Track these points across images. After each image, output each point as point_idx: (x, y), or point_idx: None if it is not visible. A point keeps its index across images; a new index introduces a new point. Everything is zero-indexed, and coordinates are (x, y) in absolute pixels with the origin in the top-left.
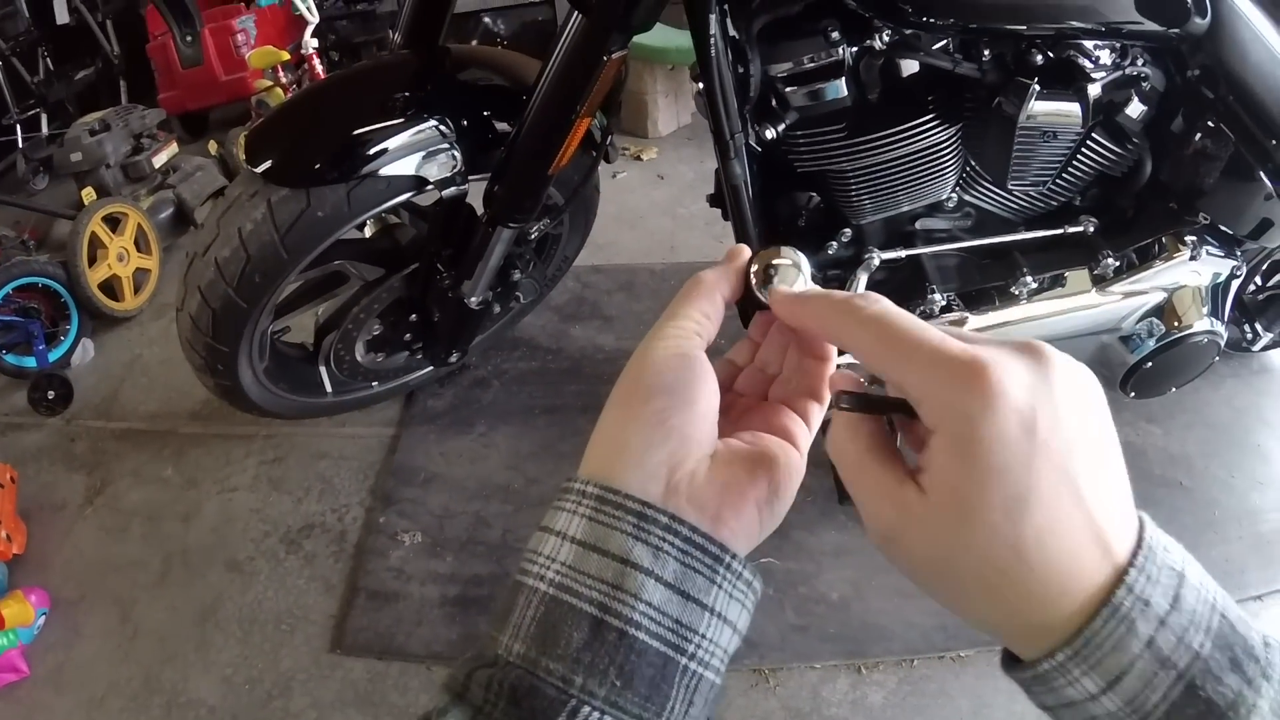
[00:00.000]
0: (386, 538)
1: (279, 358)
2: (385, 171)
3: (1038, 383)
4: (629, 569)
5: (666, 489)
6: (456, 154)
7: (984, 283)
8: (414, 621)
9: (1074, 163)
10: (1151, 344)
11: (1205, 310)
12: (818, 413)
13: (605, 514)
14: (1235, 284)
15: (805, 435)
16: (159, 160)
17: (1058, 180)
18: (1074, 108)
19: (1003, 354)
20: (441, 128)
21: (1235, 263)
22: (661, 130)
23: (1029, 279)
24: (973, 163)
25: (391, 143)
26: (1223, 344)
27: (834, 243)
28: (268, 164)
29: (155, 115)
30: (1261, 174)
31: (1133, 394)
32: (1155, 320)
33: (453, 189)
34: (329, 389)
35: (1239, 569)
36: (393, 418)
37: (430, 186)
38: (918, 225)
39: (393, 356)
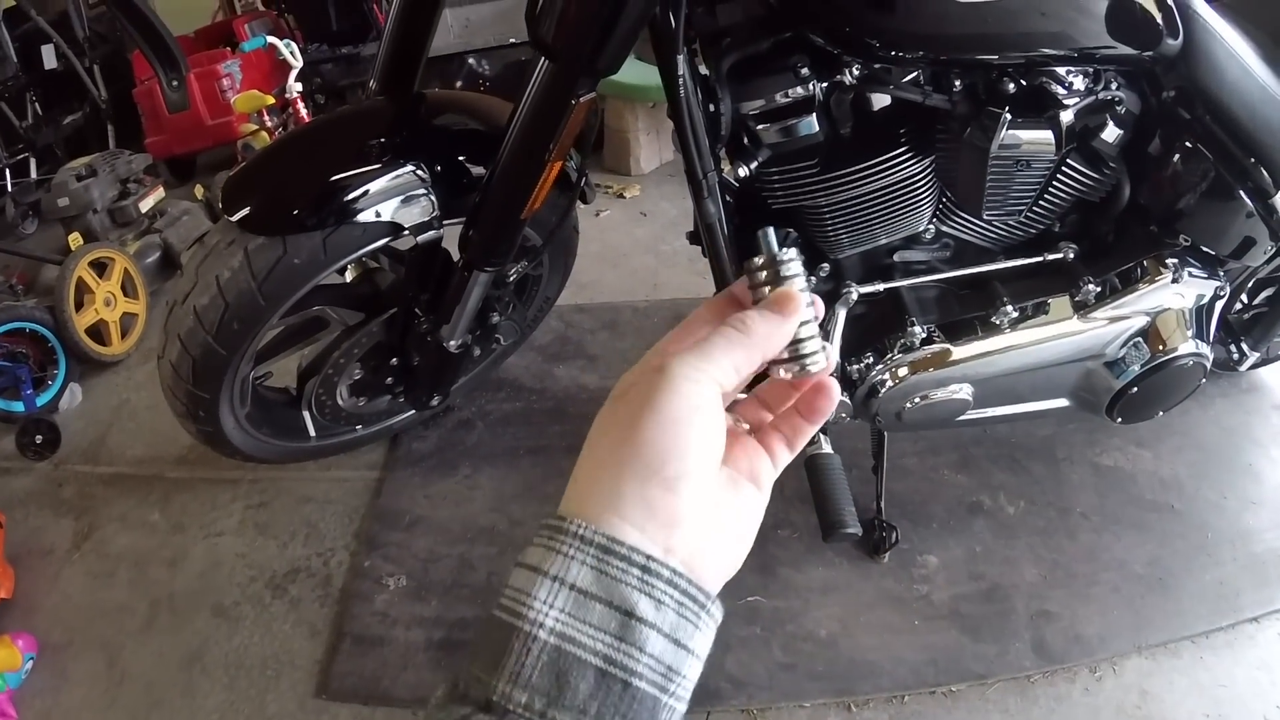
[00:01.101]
0: (372, 582)
1: (261, 403)
2: (361, 218)
3: None
4: (633, 622)
5: (666, 549)
6: (432, 199)
7: (964, 313)
8: (399, 666)
9: (1050, 189)
10: (1136, 369)
11: (1190, 332)
12: (785, 458)
13: (611, 565)
14: (1220, 304)
15: (770, 475)
16: (146, 205)
17: (1035, 208)
18: (1046, 135)
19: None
20: (418, 173)
21: (1218, 283)
22: (644, 167)
23: (1009, 308)
24: (948, 194)
25: (367, 189)
26: (1209, 365)
27: (813, 278)
28: (244, 212)
29: (142, 160)
30: (1241, 192)
31: (1120, 419)
32: (1140, 344)
33: (429, 234)
34: (312, 433)
35: (1234, 592)
36: (377, 460)
37: (406, 232)
38: (896, 257)
39: (375, 400)
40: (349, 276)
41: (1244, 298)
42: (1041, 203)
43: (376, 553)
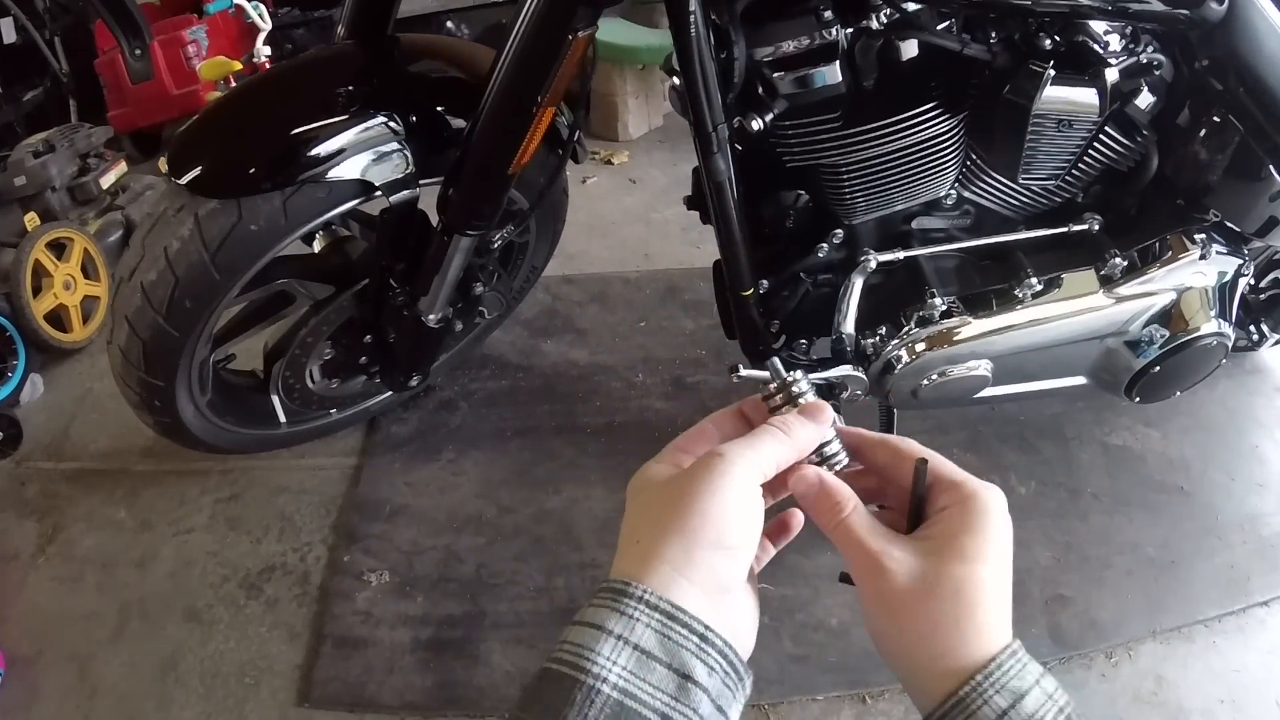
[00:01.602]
0: (352, 578)
1: (224, 389)
2: (326, 176)
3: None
4: (690, 684)
5: (717, 613)
6: (407, 154)
7: (985, 285)
8: (385, 670)
9: (1083, 156)
10: (1158, 348)
11: (1213, 312)
12: (771, 551)
13: (674, 631)
14: (1242, 283)
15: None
16: (107, 180)
17: (1067, 175)
18: (1090, 95)
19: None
20: (390, 125)
21: (1241, 261)
22: (632, 133)
23: (1034, 280)
24: (975, 156)
25: (333, 143)
26: (1230, 346)
27: (824, 245)
28: (194, 173)
29: (102, 133)
30: (1271, 169)
31: (1138, 399)
32: (1162, 323)
33: (403, 194)
34: (283, 419)
35: (1244, 576)
36: (354, 446)
37: (378, 192)
38: (914, 225)
39: (348, 382)
40: (317, 246)
41: (1261, 279)
42: (1073, 170)
43: (356, 546)
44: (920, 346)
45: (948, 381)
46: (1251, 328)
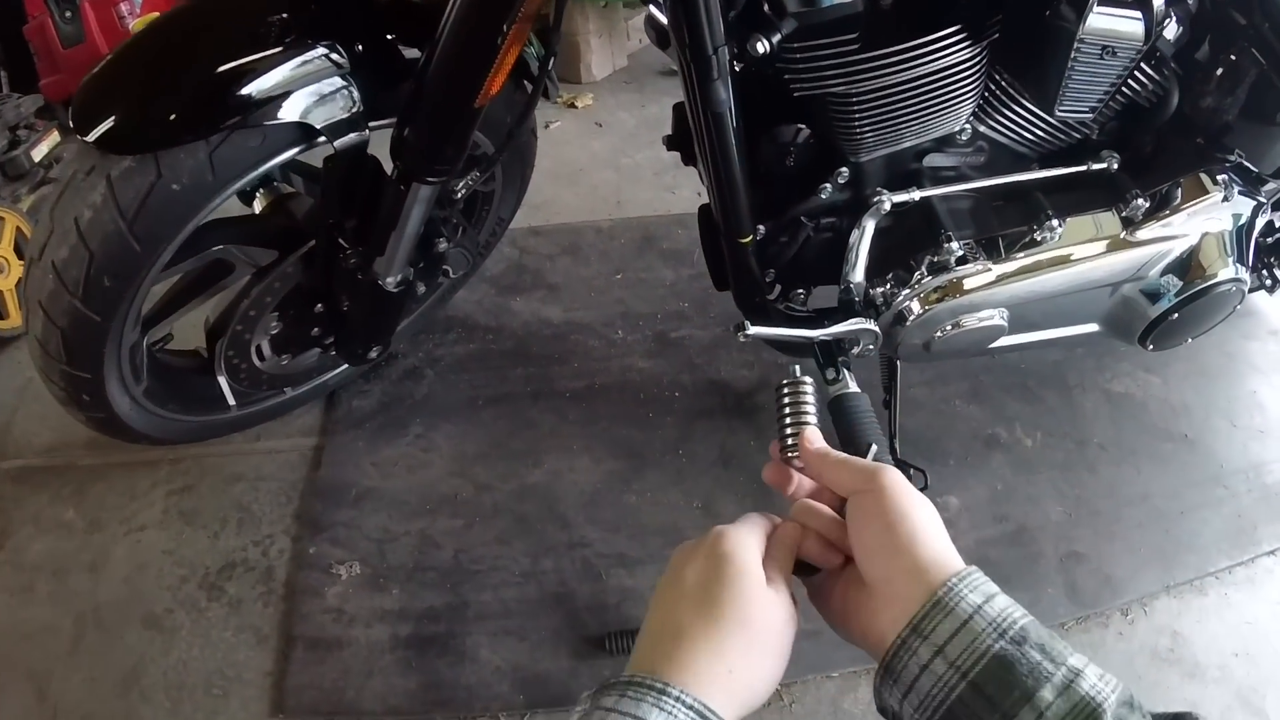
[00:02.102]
0: (320, 572)
1: (163, 373)
2: (259, 120)
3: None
4: None
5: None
6: (353, 91)
7: (1003, 228)
8: (363, 673)
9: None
10: (1174, 295)
11: (1231, 257)
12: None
13: None
14: (1260, 223)
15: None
16: (39, 153)
17: (1101, 108)
18: (1137, 21)
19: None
20: (332, 57)
21: (1258, 203)
22: (596, 74)
23: (1055, 222)
24: (997, 87)
25: (266, 81)
26: (1247, 290)
27: (828, 185)
28: (103, 127)
29: (32, 103)
30: None
31: (1151, 347)
32: (1180, 268)
33: (350, 137)
34: (232, 402)
35: (1251, 525)
36: (313, 425)
37: (321, 137)
38: (924, 162)
39: (301, 357)
40: (257, 207)
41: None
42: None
43: (322, 536)
44: (935, 294)
45: (963, 332)
46: (1263, 271)
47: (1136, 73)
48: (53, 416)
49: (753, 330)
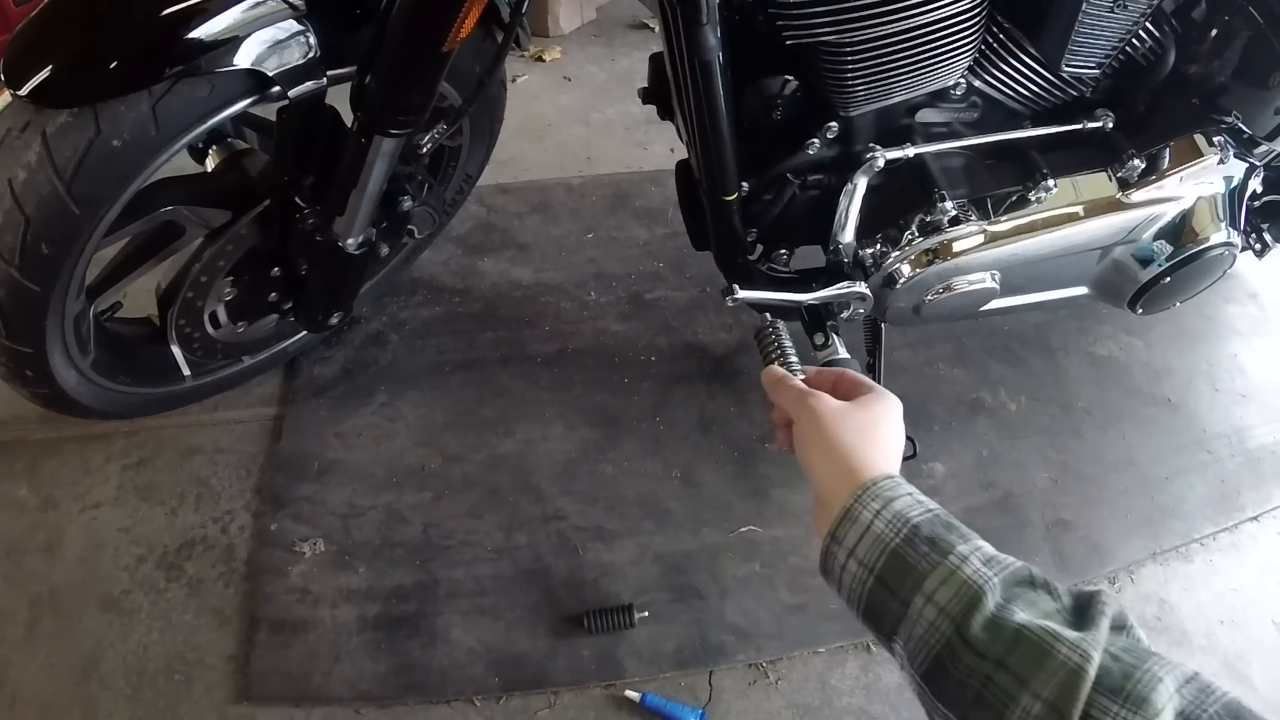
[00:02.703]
0: (283, 550)
1: (113, 344)
2: (206, 68)
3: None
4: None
5: None
6: (310, 35)
7: (998, 187)
8: (331, 656)
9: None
10: (1166, 258)
11: (1224, 220)
12: None
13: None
14: (1253, 185)
15: None
16: None
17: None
18: None
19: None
20: None
21: (1251, 165)
22: (564, 27)
23: (1050, 182)
24: (995, 39)
25: (214, 24)
26: (1239, 253)
27: (816, 140)
28: (36, 80)
29: None
30: None
31: (1140, 310)
32: (1173, 231)
33: (307, 86)
34: (187, 373)
35: (1234, 490)
36: (273, 394)
37: (275, 86)
38: (916, 118)
39: (258, 324)
40: (210, 165)
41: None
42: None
43: (284, 512)
44: (928, 256)
45: (954, 295)
46: (1252, 235)
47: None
48: (3, 389)
49: (741, 294)
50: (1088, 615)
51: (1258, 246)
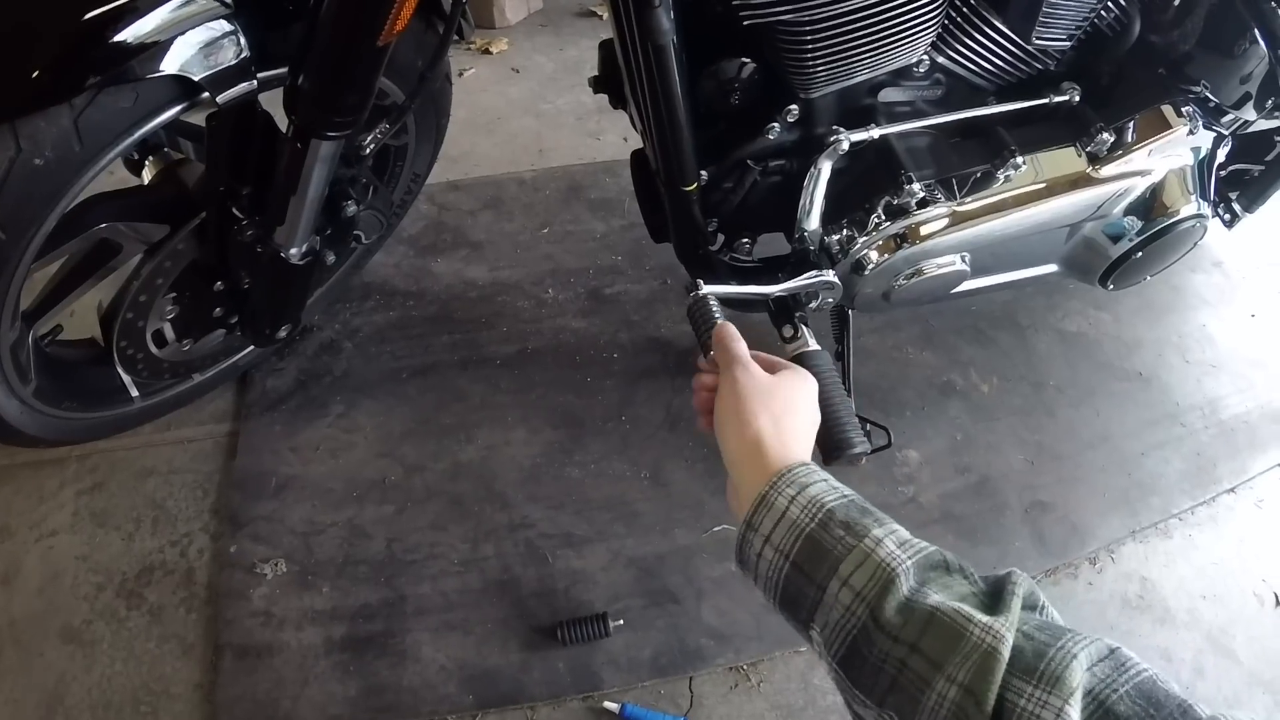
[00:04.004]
0: (243, 572)
1: (55, 369)
2: (129, 76)
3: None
4: None
5: None
6: (239, 36)
7: (965, 166)
8: (299, 680)
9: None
10: (1136, 233)
11: (1194, 193)
12: None
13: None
14: (1222, 155)
15: None
16: None
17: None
18: None
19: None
20: None
21: (1219, 134)
22: (510, 18)
23: (1019, 159)
24: (959, 14)
25: (140, 28)
26: (1209, 225)
27: (776, 124)
28: None
29: None
30: (1260, 40)
31: (1111, 286)
32: (1144, 205)
33: (237, 89)
34: (134, 393)
35: (1210, 463)
36: (226, 410)
37: (204, 92)
38: (878, 98)
39: (204, 340)
40: (148, 176)
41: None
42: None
43: (243, 532)
44: (895, 241)
45: (924, 279)
46: (1221, 206)
47: None
48: None
49: (705, 289)
50: (1000, 597)
51: (1226, 217)
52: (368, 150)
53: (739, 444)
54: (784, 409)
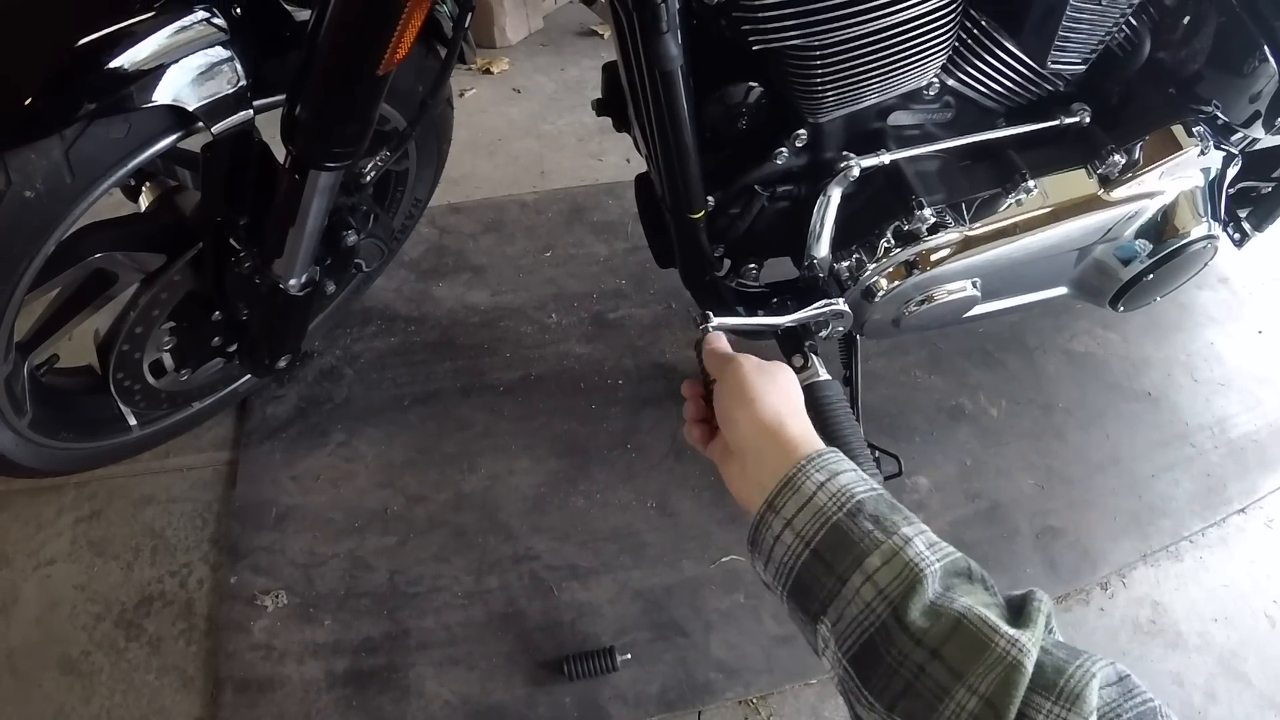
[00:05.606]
0: (244, 604)
1: (52, 399)
2: (121, 106)
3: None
4: None
5: None
6: (236, 63)
7: (976, 190)
8: (300, 715)
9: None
10: (1148, 255)
11: (1205, 213)
12: None
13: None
14: (1231, 173)
15: None
16: None
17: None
18: None
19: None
20: (213, 21)
21: (1229, 153)
22: (510, 38)
23: (1031, 183)
24: (970, 36)
25: (134, 55)
26: (1219, 245)
27: (784, 149)
28: None
29: None
30: (1269, 54)
31: (1122, 308)
32: (1155, 227)
33: (233, 119)
34: (132, 423)
35: (1220, 483)
36: (226, 437)
37: (198, 122)
38: (887, 122)
39: (203, 369)
40: (144, 204)
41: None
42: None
43: (243, 563)
44: (906, 267)
45: (936, 305)
46: (1231, 225)
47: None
48: None
49: (716, 321)
50: (1024, 612)
51: (1236, 236)
52: (368, 178)
53: (752, 423)
54: (785, 389)
